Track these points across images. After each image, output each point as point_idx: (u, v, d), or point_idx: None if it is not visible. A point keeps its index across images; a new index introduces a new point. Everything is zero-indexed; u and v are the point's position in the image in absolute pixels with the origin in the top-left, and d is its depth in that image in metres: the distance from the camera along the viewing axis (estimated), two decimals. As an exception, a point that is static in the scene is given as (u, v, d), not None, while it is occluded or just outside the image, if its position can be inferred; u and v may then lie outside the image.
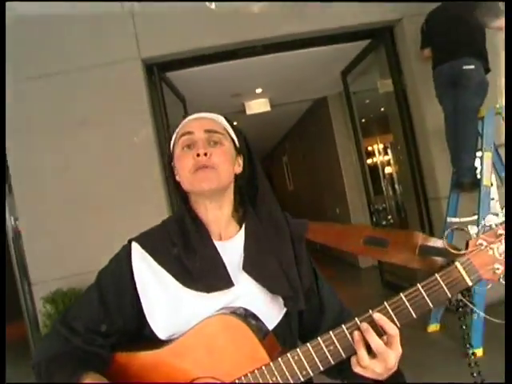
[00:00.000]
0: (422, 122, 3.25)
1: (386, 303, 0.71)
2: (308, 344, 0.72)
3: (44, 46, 2.86)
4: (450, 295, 0.70)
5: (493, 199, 2.81)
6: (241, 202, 0.92)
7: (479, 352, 2.45)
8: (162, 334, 0.80)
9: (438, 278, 0.70)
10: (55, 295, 2.60)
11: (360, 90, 4.50)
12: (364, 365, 0.70)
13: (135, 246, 0.86)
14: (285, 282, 0.81)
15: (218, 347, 0.73)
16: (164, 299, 0.81)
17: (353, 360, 0.71)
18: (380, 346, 0.69)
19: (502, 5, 2.97)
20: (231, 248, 0.86)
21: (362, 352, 0.70)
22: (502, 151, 2.89)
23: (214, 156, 0.82)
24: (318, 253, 7.19)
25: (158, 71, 3.15)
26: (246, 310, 0.78)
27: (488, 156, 2.64)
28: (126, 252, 0.86)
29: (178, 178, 0.88)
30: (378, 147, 6.82)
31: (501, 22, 2.66)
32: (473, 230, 0.74)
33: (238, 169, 0.90)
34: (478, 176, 2.70)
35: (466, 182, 2.69)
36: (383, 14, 3.17)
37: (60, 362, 0.77)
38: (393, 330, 0.70)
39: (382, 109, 4.76)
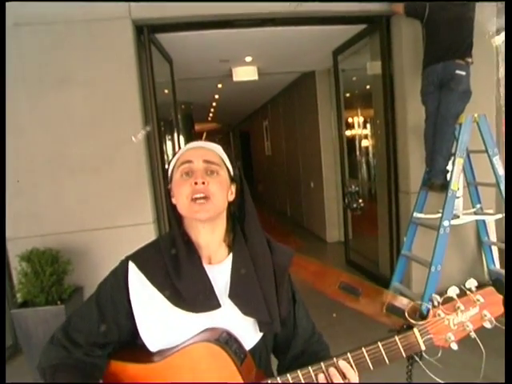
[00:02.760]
0: (403, 117, 3.35)
1: (348, 353, 0.83)
2: (288, 375, 0.84)
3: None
4: (404, 356, 0.82)
5: (458, 197, 3.01)
6: (232, 227, 0.98)
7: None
8: (152, 348, 0.89)
9: (397, 339, 0.82)
10: (32, 254, 2.63)
11: (349, 69, 4.49)
12: None
13: (132, 266, 0.92)
14: (264, 309, 0.90)
15: (201, 370, 0.83)
16: (156, 317, 0.89)
17: None
18: None
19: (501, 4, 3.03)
20: (219, 272, 0.93)
21: None
22: (473, 156, 3.07)
23: (210, 185, 0.89)
24: (288, 221, 7.45)
25: (147, 32, 3.04)
26: (229, 334, 0.87)
27: (460, 162, 2.79)
28: (124, 270, 0.92)
29: (174, 200, 0.93)
30: (358, 120, 6.93)
31: None
32: (451, 291, 0.83)
33: (231, 196, 0.96)
34: (448, 178, 2.86)
35: (437, 184, 2.85)
36: (385, 4, 3.14)
37: (62, 372, 0.87)
38: (354, 377, 0.82)
39: (368, 86, 4.79)
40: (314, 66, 5.03)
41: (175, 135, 4.34)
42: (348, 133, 4.94)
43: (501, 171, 2.83)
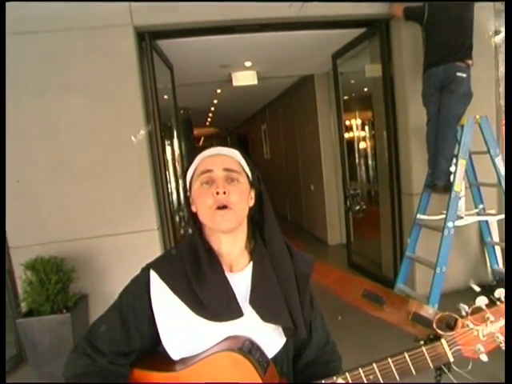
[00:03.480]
0: (405, 119, 3.37)
1: (374, 364, 0.81)
2: None
3: (33, 2, 2.67)
4: (432, 367, 0.81)
5: (460, 198, 3.02)
6: (253, 233, 0.97)
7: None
8: (174, 356, 0.89)
9: (424, 350, 0.81)
10: (36, 262, 2.62)
11: (347, 72, 4.52)
12: None
13: (153, 275, 0.91)
14: (287, 315, 0.89)
15: (225, 379, 0.82)
16: (178, 326, 0.89)
17: None
18: None
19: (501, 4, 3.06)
20: (241, 280, 0.92)
21: None
22: (475, 158, 3.09)
23: (231, 194, 0.87)
24: (288, 225, 7.45)
25: (149, 39, 3.05)
26: (251, 342, 0.86)
27: (462, 164, 2.81)
28: (145, 278, 0.92)
29: (194, 208, 0.92)
30: (356, 122, 6.98)
31: None
32: (480, 301, 0.81)
33: (251, 202, 0.95)
34: (452, 180, 2.88)
35: (440, 185, 2.86)
36: (384, 7, 3.16)
37: (87, 380, 0.87)
38: None
39: (366, 89, 4.83)
40: (312, 69, 5.06)
41: (175, 140, 4.37)
42: (346, 135, 4.97)
43: (503, 171, 2.84)
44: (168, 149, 4.32)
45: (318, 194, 5.69)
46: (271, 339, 0.90)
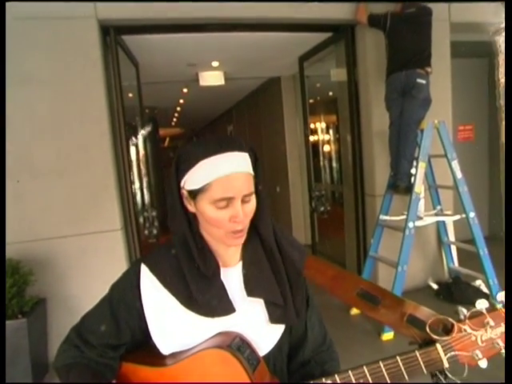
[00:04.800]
0: (368, 122, 3.47)
1: (365, 367, 0.78)
2: None
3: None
4: (425, 372, 0.77)
5: (420, 199, 3.14)
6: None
7: (390, 336, 2.84)
8: (164, 350, 0.87)
9: (418, 355, 0.76)
10: (-12, 265, 2.47)
11: (313, 75, 4.61)
12: None
13: (144, 268, 0.90)
14: (277, 290, 0.87)
15: (212, 376, 0.82)
16: (168, 320, 0.87)
17: None
18: None
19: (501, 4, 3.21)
20: (234, 274, 0.91)
21: None
22: (434, 161, 3.24)
23: (246, 218, 0.85)
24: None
25: (114, 33, 2.96)
26: (242, 339, 0.85)
27: (422, 166, 2.92)
28: (136, 272, 0.90)
29: (190, 208, 0.86)
30: (320, 125, 7.12)
31: None
32: (480, 304, 0.76)
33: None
34: (412, 181, 2.99)
35: (402, 187, 2.97)
36: (350, 13, 3.25)
37: (76, 372, 0.87)
38: None
39: (331, 93, 4.95)
40: (280, 71, 5.12)
41: (140, 140, 4.26)
42: (311, 138, 5.05)
43: (459, 175, 2.99)
44: (132, 149, 4.23)
45: (283, 196, 5.75)
46: (264, 336, 0.88)
